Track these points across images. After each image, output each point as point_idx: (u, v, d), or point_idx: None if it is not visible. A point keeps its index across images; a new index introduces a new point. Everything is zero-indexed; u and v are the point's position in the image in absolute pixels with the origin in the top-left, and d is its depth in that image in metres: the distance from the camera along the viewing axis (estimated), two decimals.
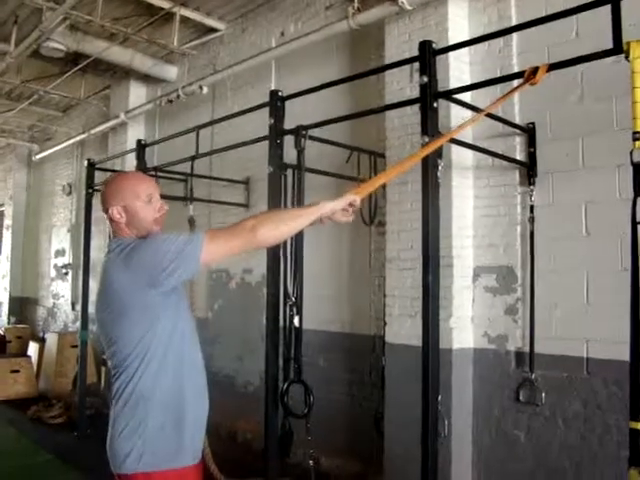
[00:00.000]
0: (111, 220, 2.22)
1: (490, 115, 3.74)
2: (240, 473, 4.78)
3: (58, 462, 5.47)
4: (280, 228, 2.09)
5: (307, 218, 2.14)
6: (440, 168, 3.00)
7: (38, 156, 11.02)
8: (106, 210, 2.23)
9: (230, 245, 2.06)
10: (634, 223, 2.38)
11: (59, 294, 10.55)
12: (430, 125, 2.96)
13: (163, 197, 2.36)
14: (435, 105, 3.00)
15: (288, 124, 3.83)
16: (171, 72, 7.62)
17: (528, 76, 2.68)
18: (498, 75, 3.89)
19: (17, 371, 8.28)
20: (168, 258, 1.99)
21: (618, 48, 2.45)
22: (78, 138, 9.24)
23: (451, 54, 4.08)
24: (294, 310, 3.85)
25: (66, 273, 10.22)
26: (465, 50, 4.22)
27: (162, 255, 2.00)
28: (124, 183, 2.27)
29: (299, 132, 3.79)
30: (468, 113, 3.76)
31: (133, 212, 2.19)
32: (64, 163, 10.70)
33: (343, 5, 5.22)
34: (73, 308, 9.84)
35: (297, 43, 5.45)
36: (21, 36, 6.40)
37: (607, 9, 2.50)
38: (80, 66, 7.41)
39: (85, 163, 6.80)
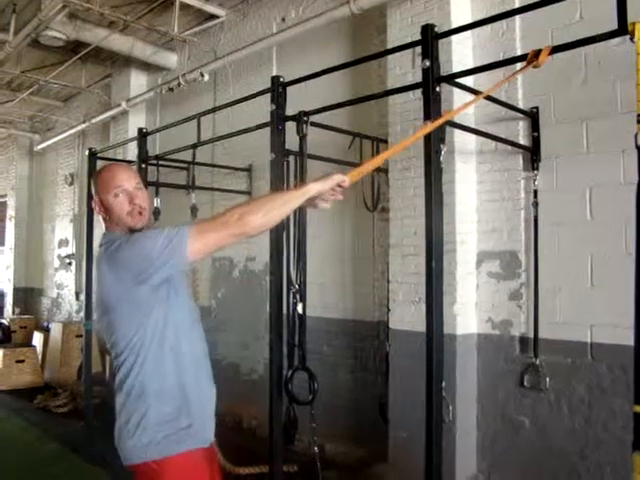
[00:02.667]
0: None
1: (493, 99, 3.72)
2: (245, 460, 4.80)
3: (65, 451, 5.50)
4: (268, 215, 2.03)
5: (294, 203, 2.09)
6: (443, 153, 2.98)
7: (39, 146, 11.01)
8: None
9: (219, 236, 2.01)
10: (639, 207, 2.36)
11: (63, 284, 10.57)
12: (432, 110, 2.92)
13: (164, 185, 2.35)
14: (437, 89, 2.96)
15: (290, 110, 3.81)
16: (172, 60, 7.59)
17: (531, 58, 2.64)
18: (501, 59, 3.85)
19: (22, 361, 8.32)
20: (154, 254, 1.98)
21: (623, 29, 2.41)
22: (79, 128, 9.22)
23: (454, 38, 4.05)
24: (298, 297, 3.85)
25: (70, 263, 10.23)
26: (468, 34, 4.18)
27: (148, 251, 1.99)
28: (98, 177, 2.27)
29: (301, 118, 3.77)
30: (471, 98, 3.73)
31: (107, 206, 2.20)
32: (66, 153, 10.68)
33: None
34: (77, 298, 9.86)
35: (298, 29, 5.41)
36: (20, 25, 6.36)
37: None
38: (80, 55, 7.38)
39: (87, 152, 6.78)
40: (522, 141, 3.99)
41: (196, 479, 2.19)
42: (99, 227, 7.32)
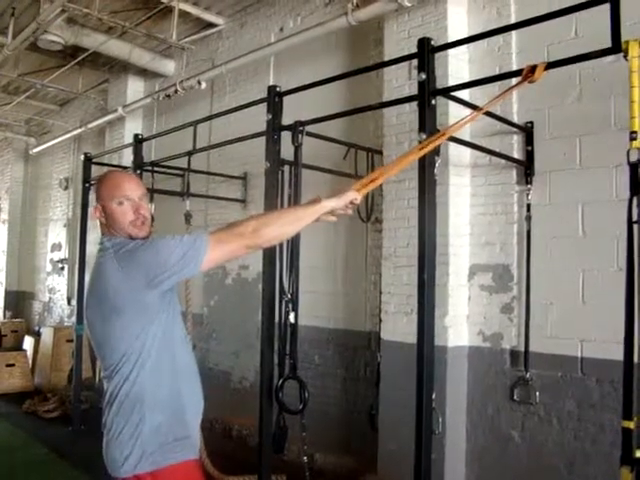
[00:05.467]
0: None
1: (488, 113, 3.74)
2: (234, 468, 4.78)
3: (53, 456, 5.46)
4: (282, 230, 2.10)
5: (308, 219, 2.12)
6: (437, 166, 3.00)
7: (35, 150, 10.99)
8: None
9: (233, 247, 2.04)
10: (630, 223, 2.38)
11: (55, 288, 10.52)
12: (428, 122, 2.95)
13: (159, 192, 2.34)
14: (433, 102, 2.99)
15: (286, 120, 3.82)
16: (169, 67, 7.60)
17: (526, 74, 2.66)
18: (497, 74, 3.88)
19: (12, 365, 8.27)
20: (172, 260, 1.98)
21: (617, 47, 2.44)
22: (75, 132, 9.22)
23: (450, 52, 4.08)
24: (290, 306, 3.85)
25: (62, 267, 10.19)
26: (464, 48, 4.22)
27: (166, 257, 1.99)
28: (104, 183, 2.25)
29: (296, 128, 3.77)
30: (466, 111, 3.74)
31: (109, 213, 2.18)
32: (61, 157, 10.66)
33: (342, 1, 5.20)
34: (69, 302, 9.82)
35: (296, 39, 5.44)
36: (18, 28, 6.37)
37: (606, 8, 2.49)
38: (78, 59, 7.40)
39: (82, 157, 6.78)
40: (516, 155, 4.02)
41: None
42: (93, 232, 7.30)
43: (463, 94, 3.66)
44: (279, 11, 6.15)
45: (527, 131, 3.97)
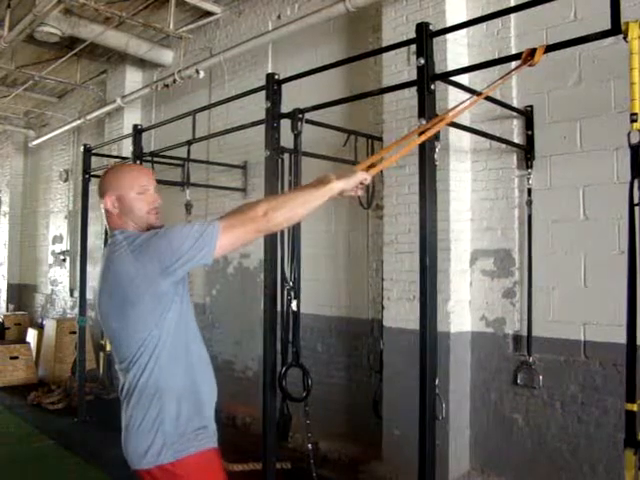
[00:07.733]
0: (105, 210, 2.20)
1: (488, 98, 3.72)
2: (239, 457, 4.80)
3: (58, 447, 5.48)
4: (293, 213, 2.06)
5: (318, 201, 2.09)
6: (437, 151, 2.99)
7: (34, 142, 10.97)
8: (101, 199, 2.21)
9: (244, 232, 2.02)
10: (631, 206, 2.38)
11: (57, 280, 10.54)
12: (427, 108, 2.93)
13: (159, 182, 2.34)
14: (432, 87, 2.97)
15: (285, 108, 3.80)
16: (167, 56, 7.57)
17: (526, 57, 2.65)
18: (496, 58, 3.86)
19: (16, 357, 8.30)
20: (184, 247, 1.97)
21: (616, 29, 2.43)
22: (74, 124, 9.20)
23: (449, 37, 4.06)
24: (292, 294, 3.85)
25: (64, 259, 10.21)
26: (463, 32, 4.19)
27: (179, 244, 1.98)
28: (120, 174, 2.25)
29: (296, 115, 3.76)
30: (465, 96, 3.74)
31: (126, 203, 2.17)
32: (60, 149, 10.65)
33: None
34: (71, 294, 9.84)
35: (294, 26, 5.40)
36: (15, 20, 6.32)
37: None
38: (75, 51, 7.36)
39: (81, 149, 6.76)
40: (516, 139, 4.01)
41: (214, 477, 2.19)
42: (94, 224, 7.28)
43: (462, 79, 3.64)
44: None
45: (527, 115, 3.96)
